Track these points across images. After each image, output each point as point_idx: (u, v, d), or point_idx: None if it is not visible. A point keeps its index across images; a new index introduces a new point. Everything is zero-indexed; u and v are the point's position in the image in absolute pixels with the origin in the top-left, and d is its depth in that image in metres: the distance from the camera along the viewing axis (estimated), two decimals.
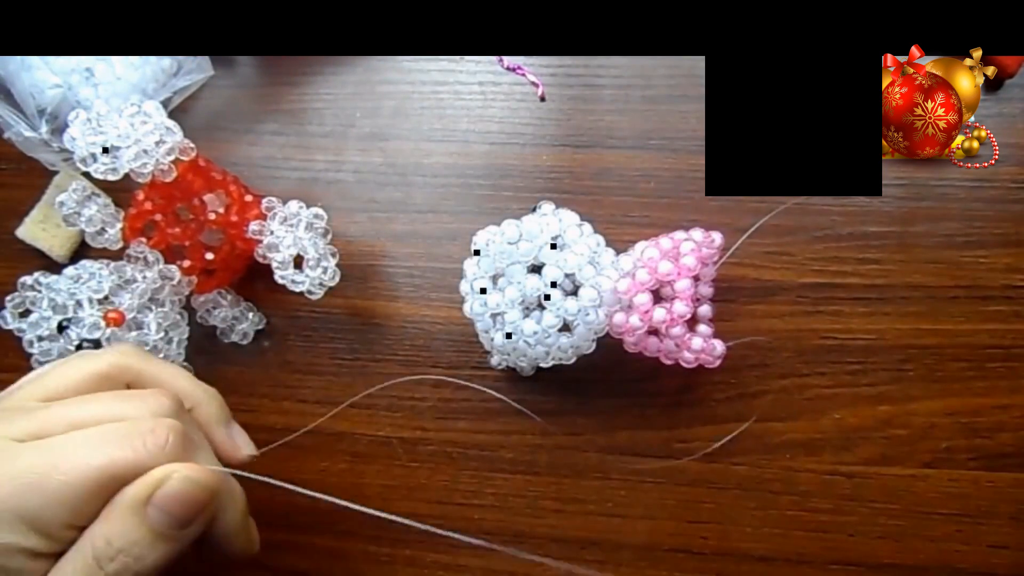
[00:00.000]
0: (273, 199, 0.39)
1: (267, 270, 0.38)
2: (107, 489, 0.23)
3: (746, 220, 0.37)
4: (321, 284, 0.37)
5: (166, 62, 0.43)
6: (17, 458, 0.23)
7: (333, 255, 0.38)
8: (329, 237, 0.38)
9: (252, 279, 0.41)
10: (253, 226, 0.38)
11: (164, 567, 0.24)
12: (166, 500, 0.23)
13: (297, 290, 0.37)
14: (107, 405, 0.25)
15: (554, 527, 0.38)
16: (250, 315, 0.41)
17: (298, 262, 0.37)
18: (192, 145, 0.37)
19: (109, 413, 0.25)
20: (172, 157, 0.37)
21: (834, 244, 0.39)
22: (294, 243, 0.37)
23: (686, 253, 0.34)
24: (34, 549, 0.23)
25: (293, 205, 0.38)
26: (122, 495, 0.23)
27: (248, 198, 0.39)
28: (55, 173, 0.43)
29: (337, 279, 0.38)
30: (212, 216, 0.38)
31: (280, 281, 0.37)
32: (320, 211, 0.38)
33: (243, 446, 0.27)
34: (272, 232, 0.38)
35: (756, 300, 0.39)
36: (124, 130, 0.36)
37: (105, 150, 0.35)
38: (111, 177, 0.36)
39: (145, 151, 0.36)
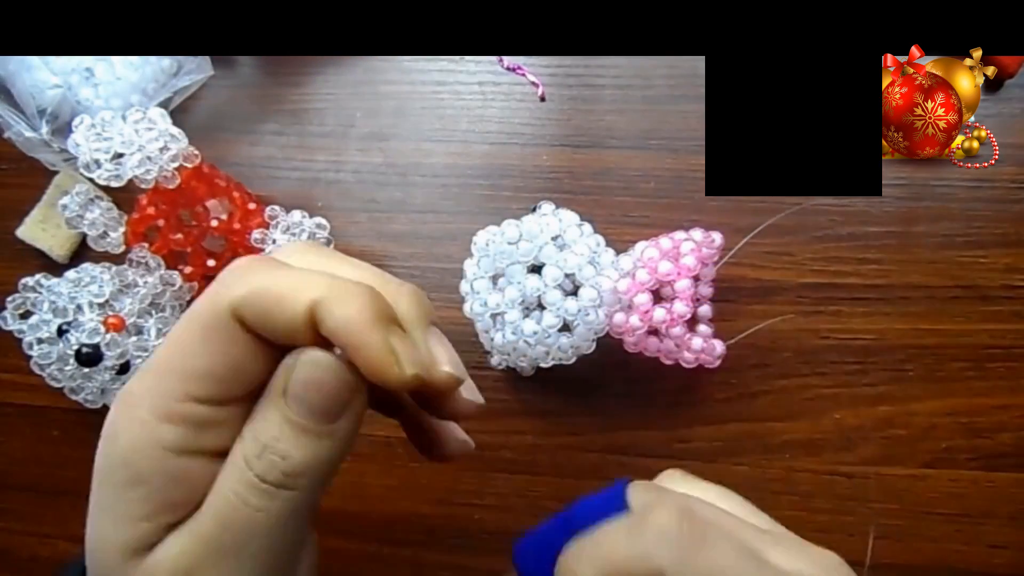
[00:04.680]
0: (276, 207, 0.39)
1: None
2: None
3: (746, 220, 0.37)
4: None
5: (166, 62, 0.43)
6: None
7: None
8: (331, 247, 0.38)
9: None
10: (255, 234, 0.38)
11: (321, 469, 0.20)
12: (296, 386, 0.20)
13: None
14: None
15: None
16: None
17: None
18: (196, 152, 0.37)
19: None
20: (176, 164, 0.37)
21: (834, 244, 0.39)
22: None
23: (686, 253, 0.34)
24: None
25: (296, 215, 0.38)
26: (269, 385, 0.20)
27: (251, 206, 0.39)
28: (55, 173, 0.43)
29: None
30: (214, 223, 0.38)
31: None
32: (323, 221, 0.38)
33: (442, 360, 0.21)
34: (274, 241, 0.38)
35: (756, 300, 0.39)
36: (128, 136, 0.35)
37: (111, 157, 0.35)
38: (115, 184, 0.36)
39: (149, 158, 0.36)
